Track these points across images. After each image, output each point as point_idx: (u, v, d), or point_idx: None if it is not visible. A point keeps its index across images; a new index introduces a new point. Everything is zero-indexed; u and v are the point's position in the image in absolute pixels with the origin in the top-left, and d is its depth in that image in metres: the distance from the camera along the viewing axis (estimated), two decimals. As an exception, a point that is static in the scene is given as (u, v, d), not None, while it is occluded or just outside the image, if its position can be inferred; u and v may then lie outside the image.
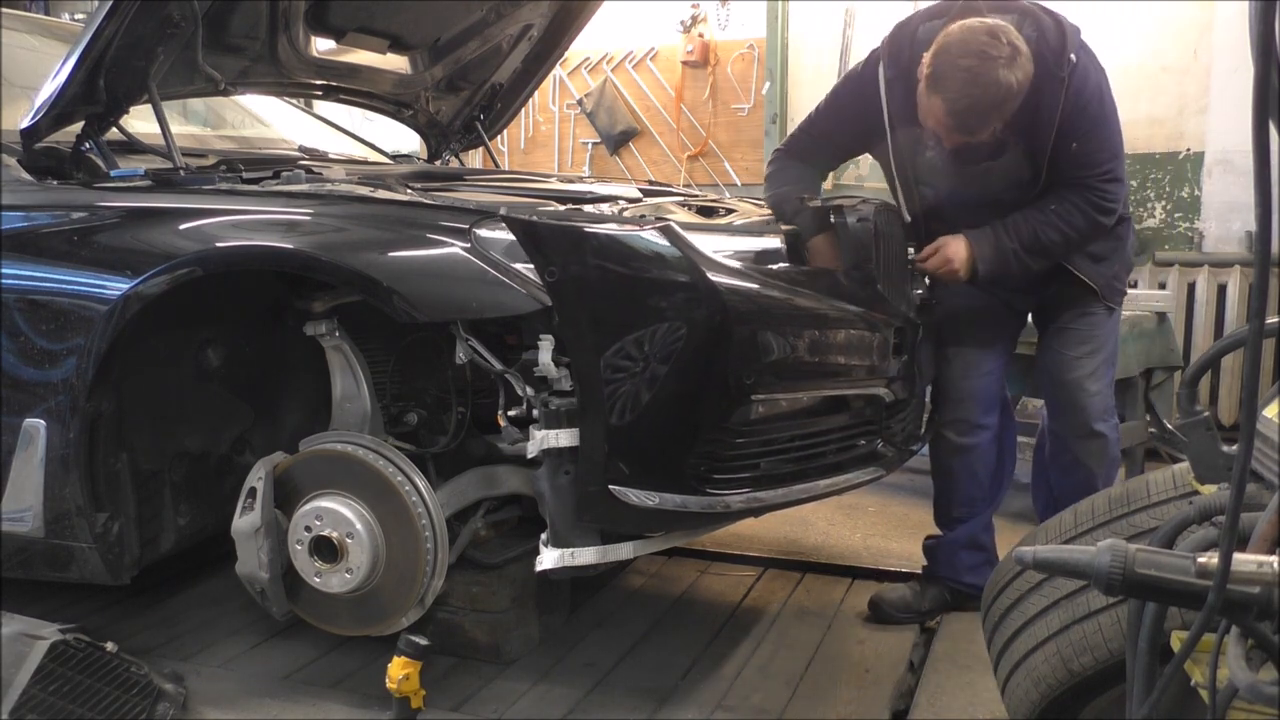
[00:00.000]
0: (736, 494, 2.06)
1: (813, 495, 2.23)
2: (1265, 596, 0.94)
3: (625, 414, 1.92)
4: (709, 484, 2.02)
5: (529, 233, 1.93)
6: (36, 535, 2.26)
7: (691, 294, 1.94)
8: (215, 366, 2.45)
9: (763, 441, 2.09)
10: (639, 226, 2.00)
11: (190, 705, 2.20)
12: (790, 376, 2.09)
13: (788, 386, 2.10)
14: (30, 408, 2.22)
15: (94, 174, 2.38)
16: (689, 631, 2.57)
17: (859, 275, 2.28)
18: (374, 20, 2.84)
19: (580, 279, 1.92)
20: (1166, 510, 1.49)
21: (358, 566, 2.18)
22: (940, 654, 2.44)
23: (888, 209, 2.48)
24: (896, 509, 3.59)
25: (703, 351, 1.94)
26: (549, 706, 2.22)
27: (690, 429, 1.98)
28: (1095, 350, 2.53)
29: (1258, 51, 0.85)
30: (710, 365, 1.96)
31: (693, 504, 2.00)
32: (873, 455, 2.38)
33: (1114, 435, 2.60)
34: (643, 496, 1.96)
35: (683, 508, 1.99)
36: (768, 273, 2.15)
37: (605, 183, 3.31)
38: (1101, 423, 2.56)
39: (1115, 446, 2.60)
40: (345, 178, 2.41)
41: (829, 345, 2.18)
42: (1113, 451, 2.60)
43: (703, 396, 1.98)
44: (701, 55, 5.34)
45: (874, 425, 2.37)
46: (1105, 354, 2.55)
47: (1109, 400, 2.58)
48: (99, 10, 2.16)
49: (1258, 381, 0.89)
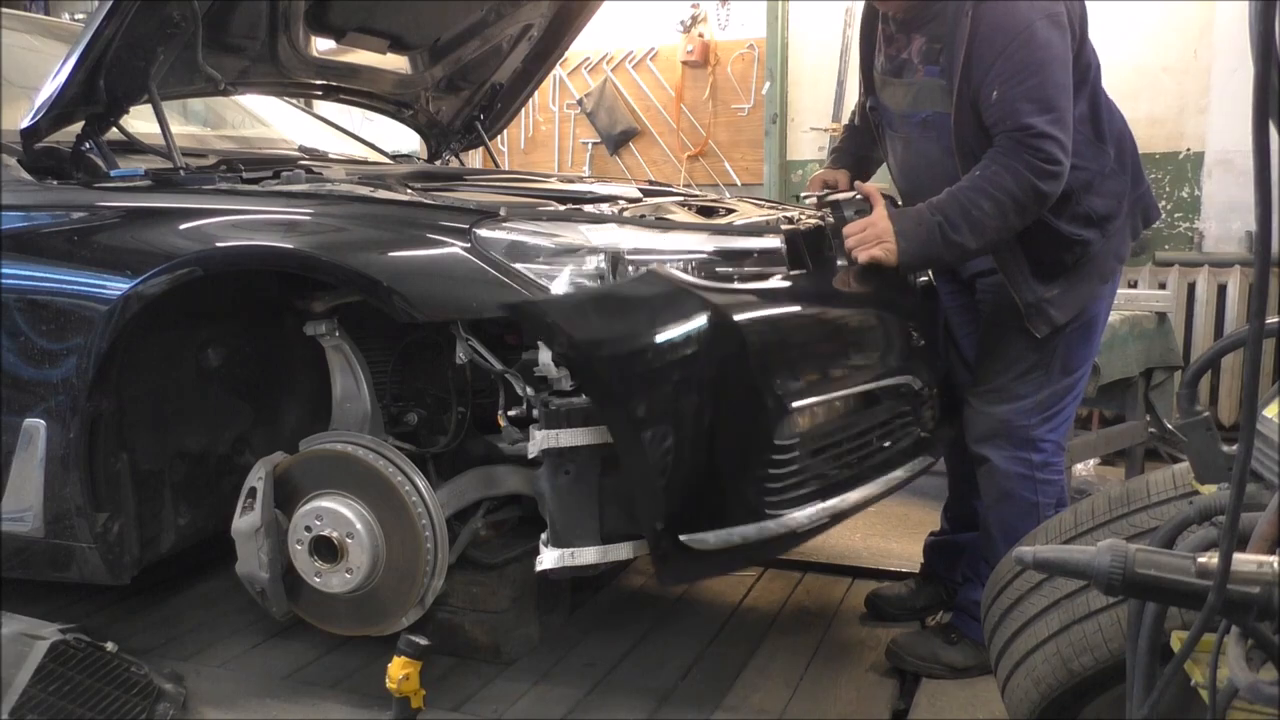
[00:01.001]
0: (804, 510, 2.01)
1: (876, 496, 2.19)
2: (1265, 596, 0.94)
3: (674, 463, 1.88)
4: (776, 507, 1.98)
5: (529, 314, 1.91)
6: (36, 535, 2.26)
7: (700, 327, 1.90)
8: (215, 366, 2.45)
9: (813, 451, 2.04)
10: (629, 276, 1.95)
11: (190, 705, 2.20)
12: (819, 379, 2.06)
13: (820, 389, 2.05)
14: (30, 407, 2.22)
15: (94, 174, 2.38)
16: (689, 631, 2.57)
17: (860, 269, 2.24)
18: (374, 20, 2.84)
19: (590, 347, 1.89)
20: (1166, 510, 1.49)
21: (358, 566, 2.18)
22: (940, 654, 2.44)
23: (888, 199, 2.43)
24: (896, 509, 3.58)
25: (729, 377, 1.91)
26: (549, 706, 2.22)
27: (742, 455, 1.94)
28: (998, 370, 2.27)
29: (1258, 51, 0.85)
30: (740, 387, 1.92)
31: (767, 530, 1.96)
32: (919, 444, 2.36)
33: (1006, 467, 2.24)
34: (717, 537, 1.93)
35: (758, 535, 1.95)
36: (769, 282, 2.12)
37: (605, 183, 3.31)
38: (984, 445, 2.27)
39: (1012, 483, 2.24)
40: (345, 178, 2.41)
41: (848, 342, 2.16)
42: (1004, 486, 2.25)
43: (743, 420, 1.94)
44: (701, 55, 5.35)
45: (911, 414, 2.34)
46: (1010, 377, 2.25)
47: (1006, 425, 2.24)
48: (99, 10, 2.16)
49: (1258, 381, 0.89)
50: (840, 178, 2.60)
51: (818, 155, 5.19)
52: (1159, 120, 4.50)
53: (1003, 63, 2.03)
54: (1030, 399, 2.24)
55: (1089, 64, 2.16)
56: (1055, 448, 2.28)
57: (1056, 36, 2.03)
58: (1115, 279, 2.28)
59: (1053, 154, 2.02)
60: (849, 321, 2.19)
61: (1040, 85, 2.02)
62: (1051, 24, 2.03)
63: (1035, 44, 2.01)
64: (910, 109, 2.27)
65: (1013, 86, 2.02)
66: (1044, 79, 2.02)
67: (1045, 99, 2.02)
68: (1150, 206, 2.31)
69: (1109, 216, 2.19)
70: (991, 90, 2.04)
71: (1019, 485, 2.25)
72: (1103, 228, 2.18)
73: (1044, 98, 2.02)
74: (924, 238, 2.10)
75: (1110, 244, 2.21)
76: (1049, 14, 2.03)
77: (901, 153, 2.37)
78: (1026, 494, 2.25)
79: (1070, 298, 2.18)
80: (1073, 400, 2.30)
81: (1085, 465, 3.87)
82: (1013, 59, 2.02)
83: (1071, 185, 2.11)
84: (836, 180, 2.60)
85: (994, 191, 2.04)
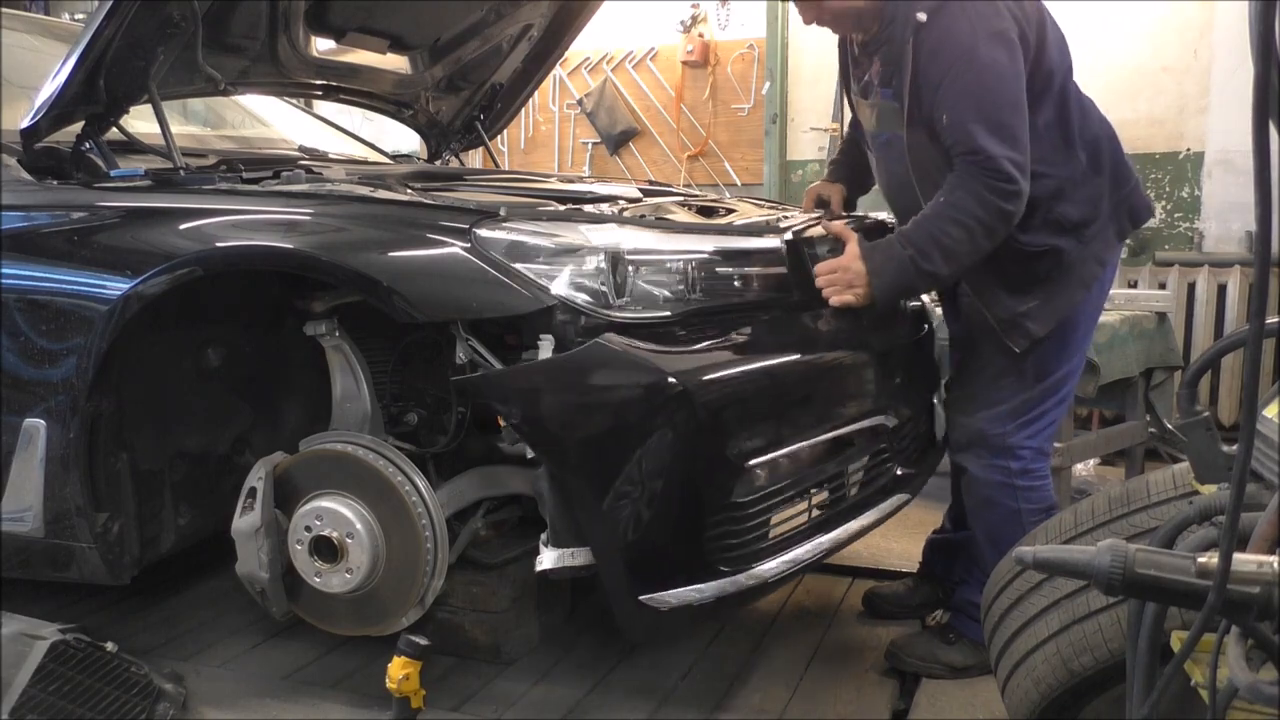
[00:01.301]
0: (769, 562, 2.00)
1: (845, 540, 2.17)
2: (1265, 596, 0.94)
3: (633, 527, 1.89)
4: (739, 562, 1.96)
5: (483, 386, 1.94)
6: (36, 535, 2.26)
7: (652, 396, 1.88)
8: (215, 366, 2.45)
9: (775, 506, 2.03)
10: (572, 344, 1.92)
11: (190, 705, 2.20)
12: (780, 433, 2.03)
13: (778, 444, 2.02)
14: (30, 407, 2.22)
15: (94, 174, 2.38)
16: (689, 632, 2.57)
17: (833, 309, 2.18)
18: (374, 20, 2.84)
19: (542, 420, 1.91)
20: (1166, 510, 1.49)
21: (358, 566, 2.18)
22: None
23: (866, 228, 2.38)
24: (896, 509, 3.58)
25: (683, 442, 1.89)
26: (549, 706, 2.22)
27: (700, 516, 1.93)
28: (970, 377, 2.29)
29: (1258, 51, 0.85)
30: (694, 452, 1.91)
31: (732, 586, 1.95)
32: (895, 482, 2.34)
33: (985, 476, 2.23)
34: (677, 596, 1.92)
35: (721, 593, 1.94)
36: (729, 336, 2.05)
37: (605, 183, 3.31)
38: (963, 454, 2.28)
39: (992, 491, 2.23)
40: (345, 178, 2.41)
41: (813, 390, 2.12)
42: (984, 494, 2.25)
43: (700, 482, 1.93)
44: (701, 55, 5.35)
45: (886, 453, 2.32)
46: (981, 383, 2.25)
47: (981, 434, 2.23)
48: (99, 10, 2.15)
49: (1258, 381, 0.89)
50: (834, 192, 2.61)
51: (818, 155, 5.19)
52: (1159, 120, 4.50)
53: (949, 86, 2.03)
54: (1004, 406, 2.22)
55: (1051, 70, 2.12)
56: (1035, 454, 2.24)
57: (1002, 54, 2.02)
58: (1100, 284, 2.23)
59: (1008, 173, 2.00)
60: (816, 367, 2.13)
61: (989, 106, 2.01)
62: (996, 42, 2.02)
63: (979, 65, 2.01)
64: (876, 130, 2.29)
65: (962, 110, 2.01)
66: (992, 99, 2.01)
67: (995, 119, 2.01)
68: (1137, 207, 2.26)
69: (1083, 222, 2.15)
70: (942, 114, 2.04)
71: (999, 493, 2.23)
72: (1077, 234, 2.15)
73: (994, 118, 2.01)
74: (896, 272, 2.09)
75: (1089, 249, 2.17)
76: (992, 32, 2.02)
77: (878, 170, 2.39)
78: (1008, 501, 2.23)
79: (1048, 309, 2.16)
80: (1055, 405, 2.26)
81: (1085, 465, 3.87)
82: (958, 82, 2.02)
83: (1038, 194, 2.09)
84: (830, 196, 2.60)
85: (960, 217, 2.03)
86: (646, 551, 1.92)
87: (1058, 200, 2.14)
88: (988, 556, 2.23)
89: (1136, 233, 4.21)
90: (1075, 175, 2.16)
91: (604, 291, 1.96)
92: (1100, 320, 3.18)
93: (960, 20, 2.03)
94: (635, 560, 1.92)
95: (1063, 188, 2.14)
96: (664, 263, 2.03)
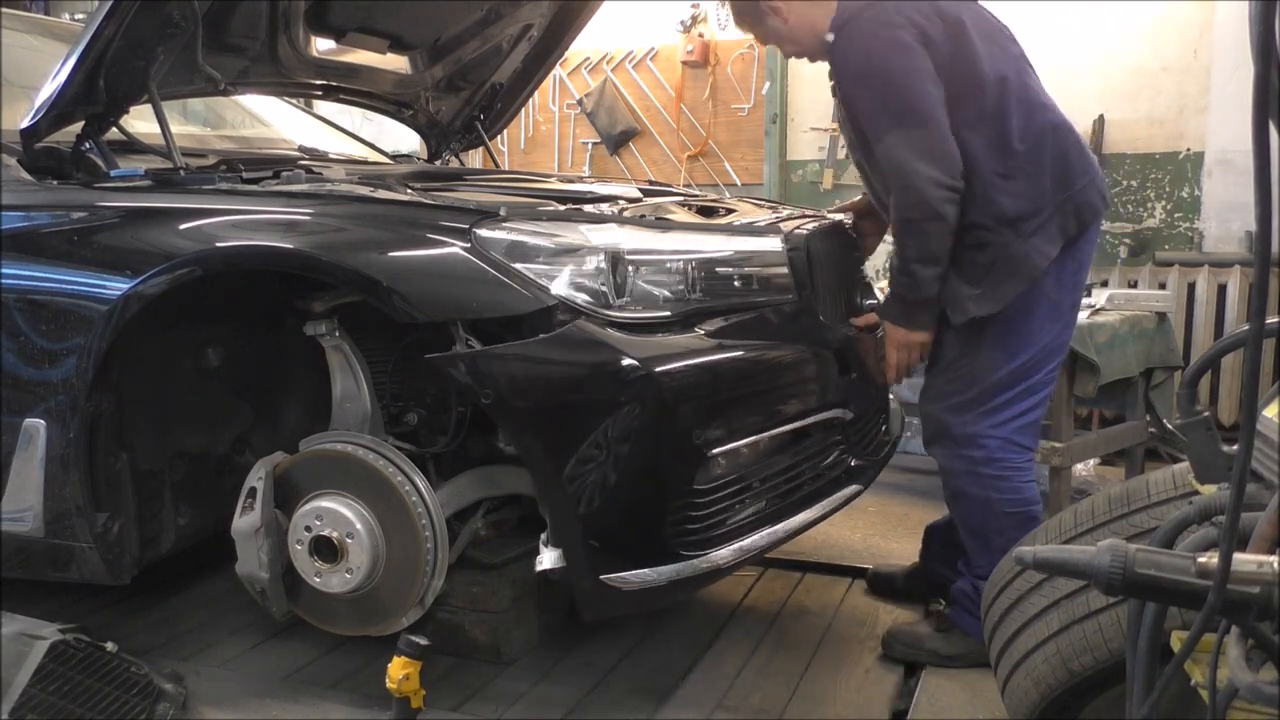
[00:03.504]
0: (723, 549, 2.05)
1: (797, 529, 2.22)
2: (1265, 596, 0.94)
3: (592, 504, 1.92)
4: (694, 547, 2.01)
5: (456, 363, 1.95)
6: (36, 535, 2.26)
7: (616, 380, 1.92)
8: (215, 366, 2.45)
9: (733, 493, 2.08)
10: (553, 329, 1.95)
11: (190, 705, 2.20)
12: (742, 423, 2.06)
13: (740, 434, 2.06)
14: (30, 407, 2.22)
15: (94, 174, 2.38)
16: (689, 631, 2.57)
17: (795, 306, 2.23)
18: (374, 20, 2.84)
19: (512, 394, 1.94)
20: (1166, 510, 1.49)
21: (358, 566, 2.18)
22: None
23: (824, 230, 2.47)
24: (896, 509, 3.59)
25: (648, 428, 1.92)
26: (549, 706, 2.22)
27: (661, 500, 1.98)
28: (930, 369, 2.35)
29: (1258, 51, 0.85)
30: (658, 438, 1.95)
31: (688, 569, 2.00)
32: (848, 474, 2.39)
33: (949, 465, 2.29)
34: (635, 577, 1.97)
35: (676, 576, 1.99)
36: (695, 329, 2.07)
37: (605, 183, 3.31)
38: (932, 446, 2.34)
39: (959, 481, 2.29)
40: (345, 178, 2.41)
41: (773, 386, 2.17)
42: (952, 485, 2.31)
43: (663, 467, 1.97)
44: (701, 55, 5.35)
45: (841, 445, 2.37)
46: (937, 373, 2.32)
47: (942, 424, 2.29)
48: (99, 10, 2.15)
49: (1258, 381, 0.89)
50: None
51: (818, 155, 5.19)
52: (1159, 120, 4.49)
53: (858, 103, 2.19)
54: (960, 396, 2.26)
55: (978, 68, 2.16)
56: (1003, 444, 2.25)
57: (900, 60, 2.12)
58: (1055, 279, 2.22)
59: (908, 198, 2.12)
60: (779, 361, 2.17)
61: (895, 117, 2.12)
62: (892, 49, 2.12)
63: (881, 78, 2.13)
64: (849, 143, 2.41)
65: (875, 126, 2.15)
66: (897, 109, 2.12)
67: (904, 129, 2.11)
68: (1084, 205, 2.23)
69: (1021, 217, 2.18)
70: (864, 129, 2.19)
71: (966, 483, 2.28)
72: (1015, 227, 2.18)
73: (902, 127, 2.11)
74: (909, 305, 2.23)
75: (1030, 244, 2.18)
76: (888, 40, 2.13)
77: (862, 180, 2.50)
78: (974, 490, 2.27)
79: (990, 297, 2.20)
80: (1024, 396, 2.25)
81: (1085, 465, 3.87)
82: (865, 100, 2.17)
83: (975, 189, 2.16)
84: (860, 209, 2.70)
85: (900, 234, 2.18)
86: (610, 533, 1.96)
87: (991, 192, 2.18)
88: (971, 547, 2.34)
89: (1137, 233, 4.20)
90: (1009, 170, 2.19)
91: (604, 291, 1.97)
92: (1100, 320, 3.21)
93: (857, 38, 2.17)
94: (599, 541, 1.96)
95: (993, 182, 2.18)
96: (664, 263, 2.04)
